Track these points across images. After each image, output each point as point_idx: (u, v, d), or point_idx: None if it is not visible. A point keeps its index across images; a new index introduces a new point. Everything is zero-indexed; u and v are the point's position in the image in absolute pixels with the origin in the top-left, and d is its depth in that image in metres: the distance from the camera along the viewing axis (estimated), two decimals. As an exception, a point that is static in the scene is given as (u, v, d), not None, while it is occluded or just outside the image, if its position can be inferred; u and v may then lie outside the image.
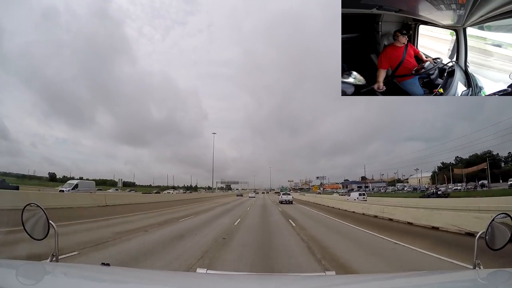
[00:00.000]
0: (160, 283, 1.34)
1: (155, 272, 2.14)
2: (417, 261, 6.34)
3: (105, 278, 1.29)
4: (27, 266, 1.45)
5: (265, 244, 7.88)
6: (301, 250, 7.18)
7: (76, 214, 12.88)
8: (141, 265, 5.21)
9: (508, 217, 1.41)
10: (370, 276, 2.50)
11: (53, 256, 1.41)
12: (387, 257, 6.70)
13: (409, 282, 1.42)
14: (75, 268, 1.61)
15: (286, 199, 31.68)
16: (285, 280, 1.52)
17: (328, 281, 1.44)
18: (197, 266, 5.23)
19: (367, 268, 5.51)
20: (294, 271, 4.87)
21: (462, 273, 1.82)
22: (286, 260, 5.97)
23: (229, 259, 6.01)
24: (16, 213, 1.67)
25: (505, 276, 1.32)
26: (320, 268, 5.26)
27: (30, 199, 8.69)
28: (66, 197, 19.07)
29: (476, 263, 1.39)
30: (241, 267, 5.28)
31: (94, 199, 19.56)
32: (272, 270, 5.02)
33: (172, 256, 6.09)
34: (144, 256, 6.01)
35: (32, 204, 1.50)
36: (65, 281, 1.23)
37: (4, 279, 1.09)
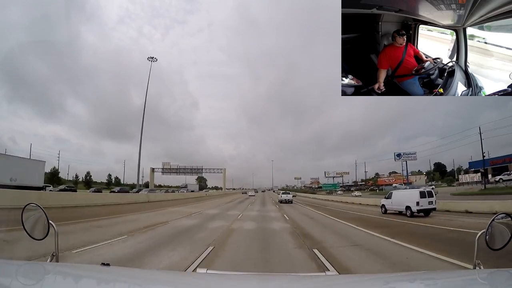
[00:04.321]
0: (160, 283, 1.35)
1: (155, 272, 2.15)
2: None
3: (105, 278, 1.29)
4: (27, 266, 1.45)
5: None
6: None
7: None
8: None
9: (508, 217, 1.41)
10: (370, 276, 2.50)
11: (53, 256, 1.41)
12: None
13: (409, 282, 1.42)
14: (75, 268, 1.62)
15: (286, 199, 32.23)
16: (285, 280, 1.52)
17: (328, 281, 1.44)
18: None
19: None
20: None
21: (462, 273, 1.82)
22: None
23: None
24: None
25: (505, 276, 1.32)
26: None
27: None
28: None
29: (476, 263, 1.39)
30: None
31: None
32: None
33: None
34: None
35: (32, 204, 1.50)
36: (65, 281, 1.23)
37: (4, 279, 1.09)
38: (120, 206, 19.46)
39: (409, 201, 15.90)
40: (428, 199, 15.69)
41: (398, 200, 17.25)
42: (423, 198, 15.56)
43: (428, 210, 15.69)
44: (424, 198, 15.58)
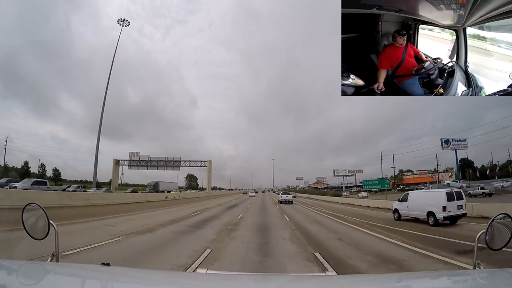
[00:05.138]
0: (160, 283, 1.35)
1: (155, 272, 2.15)
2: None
3: (105, 278, 1.29)
4: (27, 266, 1.45)
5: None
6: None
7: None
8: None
9: (508, 217, 1.41)
10: (370, 276, 2.50)
11: (53, 256, 1.41)
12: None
13: (409, 283, 1.42)
14: (75, 268, 1.61)
15: (286, 199, 31.94)
16: (285, 280, 1.52)
17: (328, 281, 1.44)
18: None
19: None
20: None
21: (462, 273, 1.82)
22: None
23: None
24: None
25: (505, 276, 1.32)
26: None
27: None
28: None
29: (476, 263, 1.39)
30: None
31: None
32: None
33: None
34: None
35: (33, 204, 1.50)
36: (65, 281, 1.23)
37: (4, 279, 1.09)
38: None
39: (432, 205, 12.11)
40: (457, 202, 11.86)
41: (417, 204, 13.30)
42: (451, 201, 11.70)
43: (456, 217, 12.00)
44: (452, 201, 11.73)
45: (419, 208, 13.05)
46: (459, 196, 12.14)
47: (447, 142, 44.17)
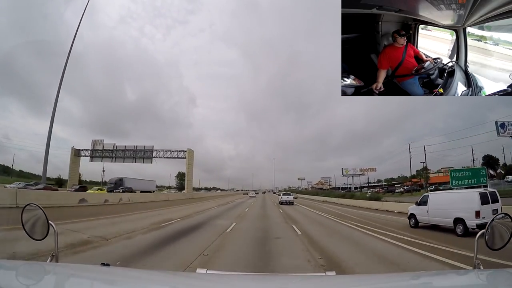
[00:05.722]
0: (160, 283, 1.35)
1: (155, 272, 2.14)
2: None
3: (104, 278, 1.29)
4: (27, 266, 1.45)
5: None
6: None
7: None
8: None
9: (507, 217, 1.41)
10: (370, 276, 2.50)
11: (53, 256, 1.41)
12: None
13: (409, 283, 1.42)
14: (75, 268, 1.61)
15: (287, 200, 31.73)
16: (285, 280, 1.52)
17: (328, 281, 1.44)
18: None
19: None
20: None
21: (462, 273, 1.82)
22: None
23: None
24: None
25: (505, 276, 1.32)
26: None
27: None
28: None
29: (476, 263, 1.39)
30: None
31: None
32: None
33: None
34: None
35: (32, 204, 1.50)
36: (65, 281, 1.23)
37: (4, 279, 1.09)
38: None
39: (461, 209, 9.74)
40: (492, 205, 9.46)
41: (440, 208, 10.69)
42: (485, 205, 9.34)
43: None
44: (486, 204, 9.36)
45: (443, 213, 10.49)
46: (494, 198, 9.68)
47: (503, 126, 30.83)
